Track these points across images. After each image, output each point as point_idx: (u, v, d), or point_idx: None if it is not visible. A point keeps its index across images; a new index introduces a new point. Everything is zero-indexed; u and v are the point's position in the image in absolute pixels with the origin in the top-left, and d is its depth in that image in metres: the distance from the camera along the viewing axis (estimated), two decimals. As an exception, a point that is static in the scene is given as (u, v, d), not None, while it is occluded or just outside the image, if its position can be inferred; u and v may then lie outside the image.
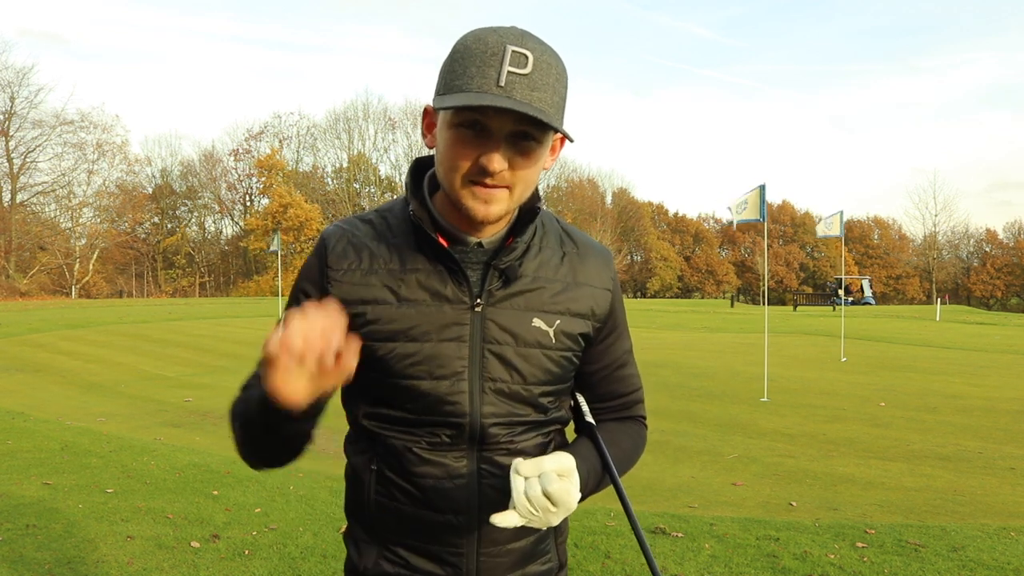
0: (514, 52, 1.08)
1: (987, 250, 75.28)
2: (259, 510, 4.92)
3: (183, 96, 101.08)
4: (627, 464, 1.35)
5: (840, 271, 32.31)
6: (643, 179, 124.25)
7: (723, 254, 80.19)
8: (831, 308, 42.78)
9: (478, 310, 1.21)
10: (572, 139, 1.13)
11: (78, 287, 57.89)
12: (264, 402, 1.06)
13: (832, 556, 4.11)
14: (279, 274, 18.88)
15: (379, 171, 65.27)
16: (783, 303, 63.34)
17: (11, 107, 54.89)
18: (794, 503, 5.30)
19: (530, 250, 1.26)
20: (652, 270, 74.12)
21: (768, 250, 55.73)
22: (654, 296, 72.59)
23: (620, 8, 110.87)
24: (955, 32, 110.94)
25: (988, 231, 75.82)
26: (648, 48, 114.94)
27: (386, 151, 66.81)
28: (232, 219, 68.73)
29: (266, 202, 62.71)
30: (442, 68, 1.15)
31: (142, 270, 64.70)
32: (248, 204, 67.58)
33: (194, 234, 68.23)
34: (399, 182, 62.97)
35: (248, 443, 1.20)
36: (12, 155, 55.93)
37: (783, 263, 75.56)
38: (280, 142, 67.18)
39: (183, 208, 67.93)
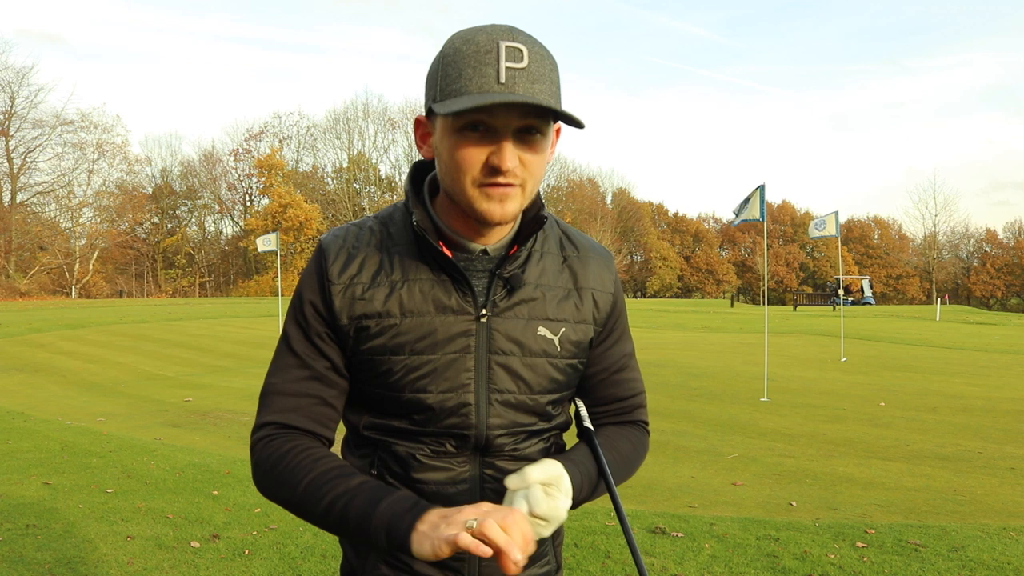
0: (508, 47, 1.06)
1: (987, 250, 75.31)
2: (259, 510, 4.91)
3: (183, 96, 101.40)
4: (627, 469, 1.32)
5: (840, 271, 32.25)
6: (643, 179, 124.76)
7: (723, 254, 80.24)
8: (831, 308, 42.72)
9: (484, 320, 1.19)
10: (582, 124, 1.07)
11: (78, 287, 57.91)
12: (390, 539, 1.05)
13: (832, 556, 4.11)
14: (279, 274, 18.85)
15: (379, 171, 65.30)
16: (783, 303, 63.44)
17: (11, 107, 55.05)
18: (794, 503, 5.30)
19: (531, 256, 1.24)
20: (652, 270, 74.15)
21: (768, 250, 55.76)
22: (654, 296, 72.61)
23: (619, 8, 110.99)
24: (954, 33, 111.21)
25: (988, 231, 76.00)
26: (647, 48, 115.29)
27: (386, 151, 66.95)
28: (232, 219, 68.83)
29: (266, 202, 62.76)
30: (431, 75, 1.12)
31: (142, 270, 64.71)
32: (248, 204, 67.65)
33: (194, 234, 68.29)
34: (399, 182, 62.96)
35: (294, 509, 1.17)
36: (12, 155, 56.09)
37: (783, 263, 75.57)
38: (280, 142, 67.29)
39: (183, 208, 68.05)
